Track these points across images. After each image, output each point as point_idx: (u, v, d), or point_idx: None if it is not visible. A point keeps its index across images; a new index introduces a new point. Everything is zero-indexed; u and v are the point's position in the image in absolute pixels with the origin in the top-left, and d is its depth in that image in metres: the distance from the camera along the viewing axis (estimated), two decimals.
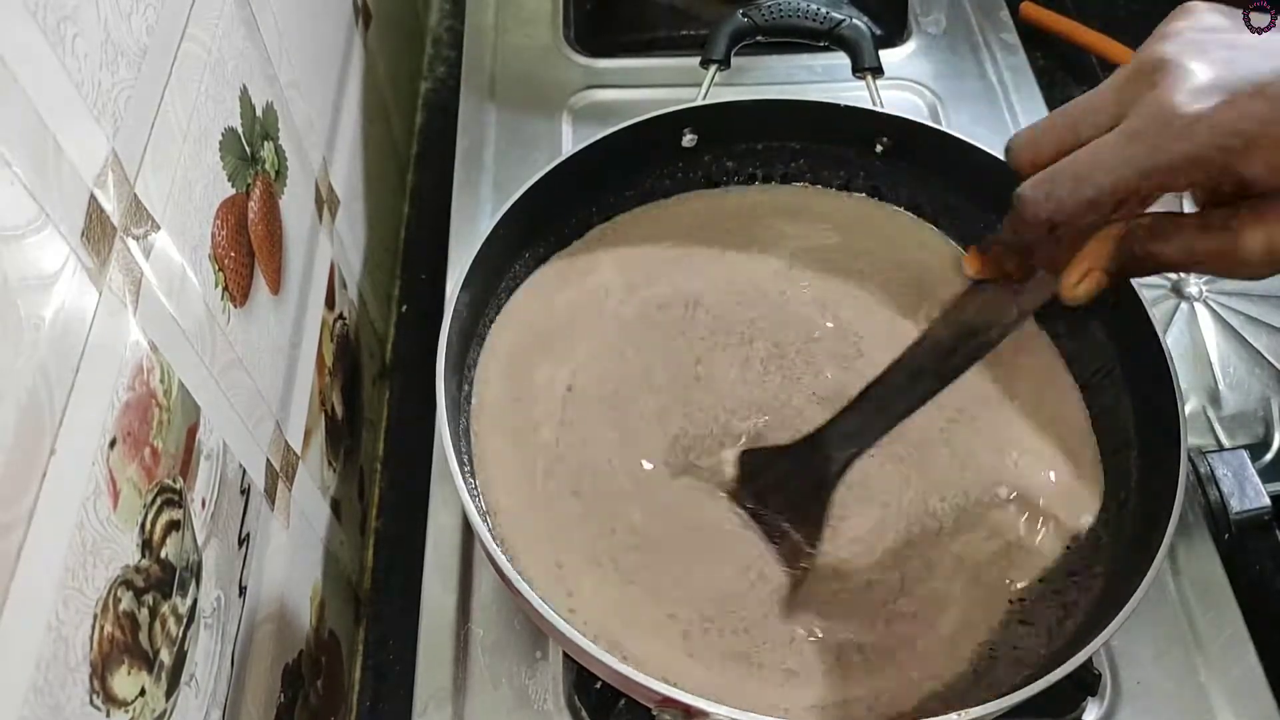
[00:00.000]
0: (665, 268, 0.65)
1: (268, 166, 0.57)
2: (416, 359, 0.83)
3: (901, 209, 0.68)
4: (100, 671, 0.35)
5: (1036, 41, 0.98)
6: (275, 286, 0.57)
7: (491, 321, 0.62)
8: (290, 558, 0.58)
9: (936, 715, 0.43)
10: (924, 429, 0.58)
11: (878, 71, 0.69)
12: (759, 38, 0.70)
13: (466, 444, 0.57)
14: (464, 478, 0.50)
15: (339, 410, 0.70)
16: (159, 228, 0.42)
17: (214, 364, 0.47)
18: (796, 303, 0.64)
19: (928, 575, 0.54)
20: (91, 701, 0.35)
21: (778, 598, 0.53)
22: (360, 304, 0.78)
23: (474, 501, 0.51)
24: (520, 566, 0.52)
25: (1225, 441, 0.69)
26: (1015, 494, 0.56)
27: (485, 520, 0.51)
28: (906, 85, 0.83)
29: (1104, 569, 0.53)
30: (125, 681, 0.37)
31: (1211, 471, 0.59)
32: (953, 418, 0.59)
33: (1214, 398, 0.71)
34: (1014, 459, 0.58)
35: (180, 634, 0.42)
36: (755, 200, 0.69)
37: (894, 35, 0.87)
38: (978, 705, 0.44)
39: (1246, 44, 0.39)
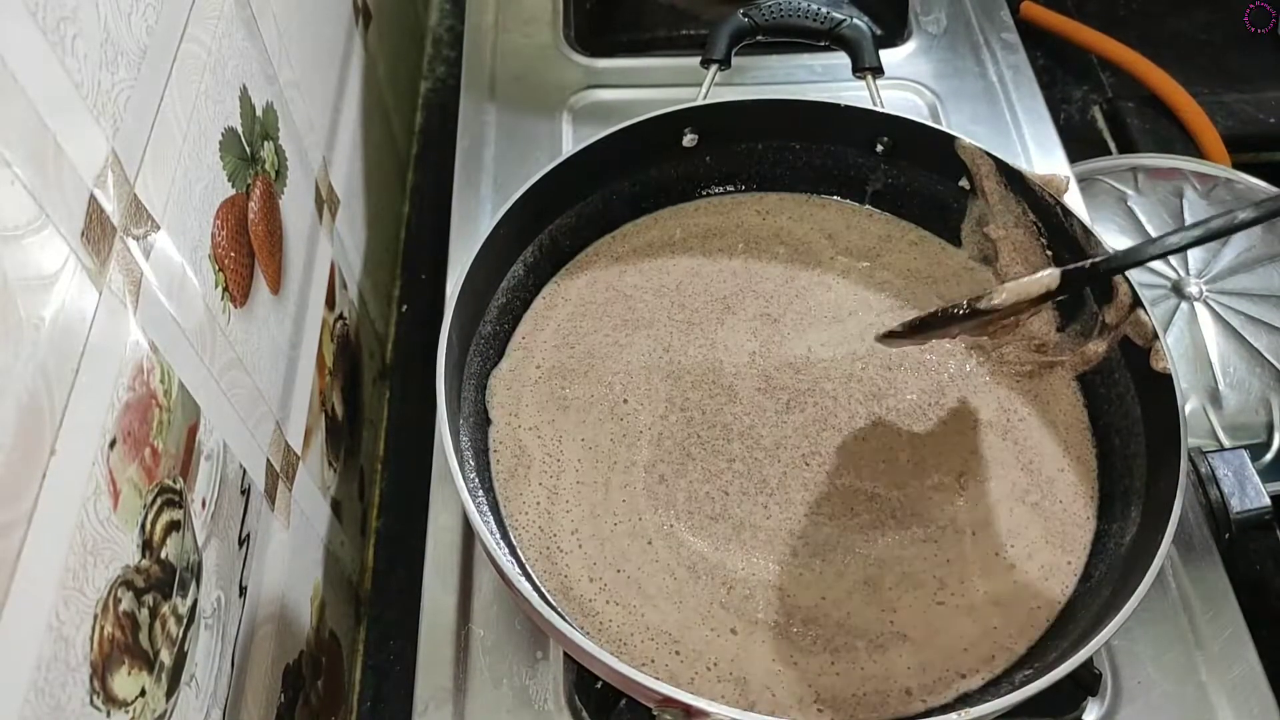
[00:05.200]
0: (696, 277, 0.66)
1: (268, 166, 0.57)
2: (416, 359, 0.83)
3: (891, 214, 0.69)
4: (100, 672, 0.35)
5: (1036, 41, 0.98)
6: (275, 286, 0.57)
7: (511, 331, 0.63)
8: (290, 558, 0.58)
9: (937, 715, 0.43)
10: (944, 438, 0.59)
11: (878, 71, 0.69)
12: (759, 38, 0.70)
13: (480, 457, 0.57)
14: (465, 477, 0.50)
15: (339, 410, 0.70)
16: (159, 228, 0.42)
17: (214, 364, 0.47)
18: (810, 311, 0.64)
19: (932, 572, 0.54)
20: (92, 702, 0.35)
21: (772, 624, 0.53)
22: (360, 304, 0.78)
23: (474, 501, 0.51)
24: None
25: (1225, 441, 0.69)
26: (1028, 495, 0.57)
27: (486, 520, 0.51)
28: (907, 85, 0.83)
29: (1105, 569, 0.53)
30: (125, 682, 0.37)
31: (1211, 471, 0.59)
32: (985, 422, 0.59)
33: (1214, 398, 0.71)
34: (1027, 467, 0.58)
35: (180, 634, 0.42)
36: (756, 212, 0.70)
37: (894, 35, 0.87)
38: (978, 705, 0.44)
39: None
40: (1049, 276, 0.52)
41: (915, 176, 0.67)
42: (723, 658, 0.51)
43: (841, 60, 0.70)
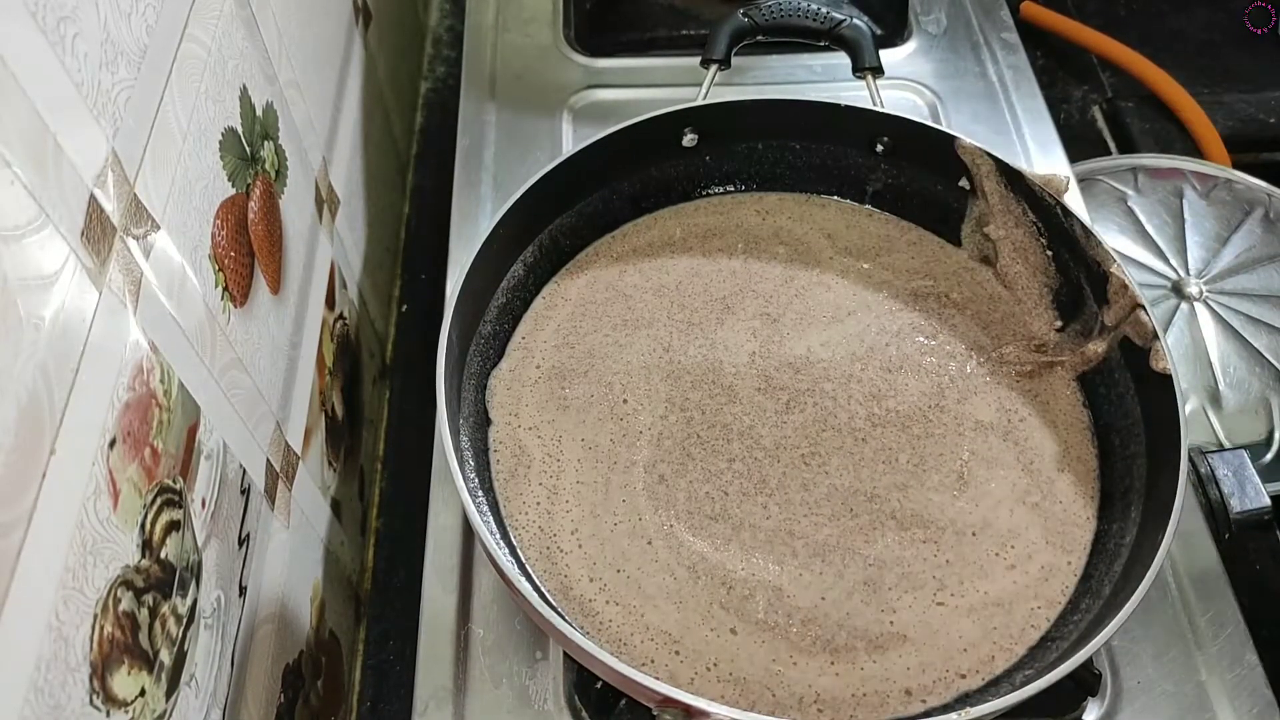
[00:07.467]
0: (696, 277, 0.66)
1: (268, 166, 0.57)
2: (416, 359, 0.83)
3: (891, 214, 0.69)
4: (100, 671, 0.35)
5: (1036, 41, 0.98)
6: (275, 286, 0.57)
7: (511, 330, 0.63)
8: (290, 558, 0.58)
9: (937, 715, 0.43)
10: (943, 444, 0.59)
11: (878, 71, 0.69)
12: (759, 37, 0.70)
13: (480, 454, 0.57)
14: (465, 477, 0.50)
15: (339, 410, 0.70)
16: (159, 228, 0.42)
17: (214, 364, 0.47)
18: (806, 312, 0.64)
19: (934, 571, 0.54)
20: (91, 701, 0.35)
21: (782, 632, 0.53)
22: (360, 304, 0.78)
23: (474, 501, 0.51)
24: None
25: (1225, 441, 0.69)
26: (1028, 495, 0.57)
27: (486, 520, 0.51)
28: (907, 85, 0.83)
29: (1105, 569, 0.53)
30: (125, 681, 0.37)
31: (1211, 471, 0.59)
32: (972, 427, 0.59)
33: (1214, 398, 0.71)
34: (1026, 465, 0.58)
35: (180, 634, 0.42)
36: (757, 211, 0.70)
37: (894, 35, 0.87)
38: (978, 705, 0.44)
39: None
40: None
41: (915, 176, 0.67)
42: (723, 658, 0.51)
43: (841, 60, 0.70)
